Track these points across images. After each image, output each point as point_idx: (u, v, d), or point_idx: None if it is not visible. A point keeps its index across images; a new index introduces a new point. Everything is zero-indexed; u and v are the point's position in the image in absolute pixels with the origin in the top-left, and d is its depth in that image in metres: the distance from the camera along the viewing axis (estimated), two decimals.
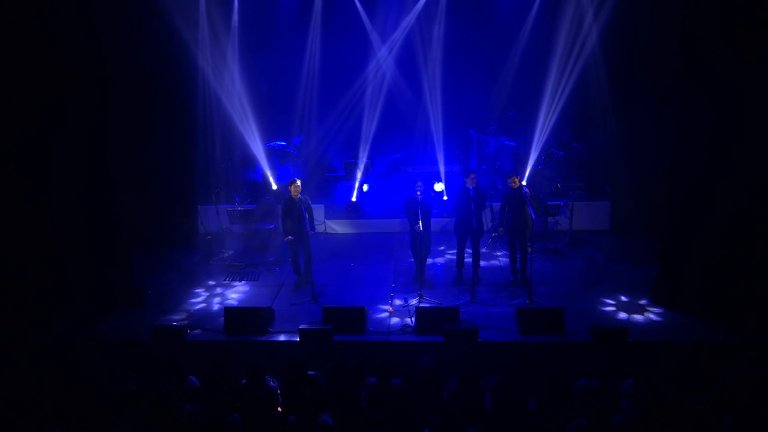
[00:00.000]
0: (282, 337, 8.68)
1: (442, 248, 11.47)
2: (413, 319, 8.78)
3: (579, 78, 12.38)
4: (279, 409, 6.55)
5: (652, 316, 8.95)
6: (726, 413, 5.94)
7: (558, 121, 13.16)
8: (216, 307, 9.62)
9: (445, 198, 12.74)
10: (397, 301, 9.51)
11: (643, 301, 9.32)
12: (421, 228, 9.51)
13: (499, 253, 11.25)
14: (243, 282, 10.52)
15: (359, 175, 13.15)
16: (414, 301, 9.38)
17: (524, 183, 11.00)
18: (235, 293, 10.14)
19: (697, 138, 8.69)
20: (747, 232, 8.72)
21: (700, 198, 8.82)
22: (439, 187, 12.97)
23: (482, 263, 10.41)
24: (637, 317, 8.94)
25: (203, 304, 9.77)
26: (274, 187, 12.93)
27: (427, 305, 9.15)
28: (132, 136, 11.50)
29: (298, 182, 9.94)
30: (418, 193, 9.67)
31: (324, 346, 8.32)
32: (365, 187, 13.25)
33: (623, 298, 9.46)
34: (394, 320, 9.01)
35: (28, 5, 8.70)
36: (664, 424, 5.88)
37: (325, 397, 6.59)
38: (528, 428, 5.90)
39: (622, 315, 9.02)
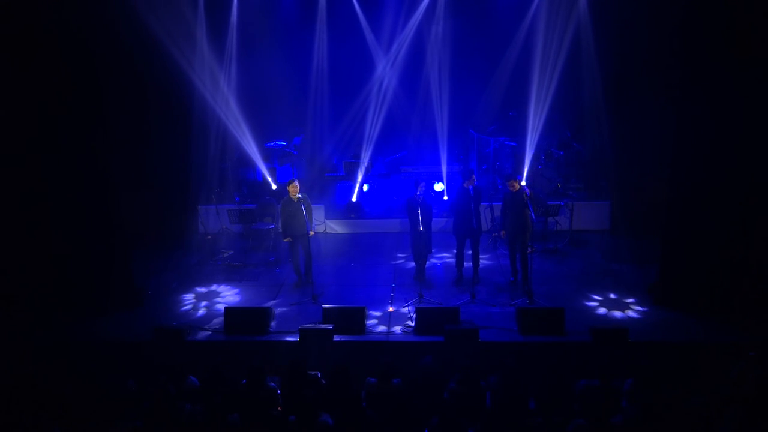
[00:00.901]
0: (282, 337, 8.68)
1: (441, 248, 11.44)
2: (413, 319, 8.78)
3: (578, 78, 12.40)
4: (279, 408, 6.55)
5: (651, 315, 8.94)
6: (726, 413, 5.94)
7: (557, 120, 13.19)
8: (216, 307, 9.61)
9: (445, 198, 12.74)
10: (392, 308, 9.42)
11: (642, 301, 9.30)
12: (421, 228, 9.51)
13: (498, 253, 11.25)
14: (243, 282, 10.51)
15: (360, 175, 13.15)
16: (413, 302, 9.37)
17: (524, 183, 10.98)
18: (235, 293, 10.13)
19: (697, 138, 8.69)
20: (747, 232, 8.72)
21: (701, 198, 8.82)
22: (439, 187, 12.98)
23: (482, 263, 10.41)
24: (637, 317, 8.93)
25: (203, 304, 9.76)
26: (274, 187, 12.93)
27: (427, 305, 9.14)
28: (132, 137, 11.52)
29: (296, 182, 9.94)
30: (419, 193, 9.68)
31: (324, 346, 8.31)
32: (365, 187, 13.25)
33: (623, 298, 9.44)
34: (394, 320, 9.00)
35: (28, 8, 8.71)
36: (664, 424, 5.88)
37: (325, 397, 6.59)
38: (528, 428, 5.90)
39: (622, 315, 9.02)
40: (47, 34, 8.80)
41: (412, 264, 10.48)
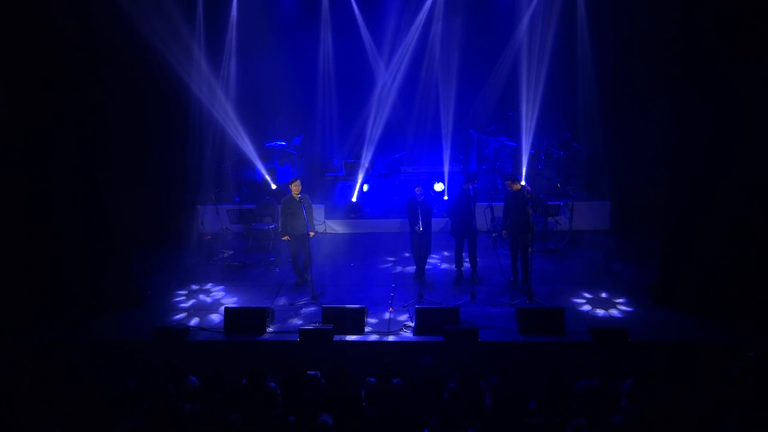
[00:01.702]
0: (282, 337, 8.66)
1: (441, 249, 11.43)
2: (413, 319, 8.78)
3: (577, 77, 12.40)
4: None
5: (651, 315, 8.93)
6: (726, 413, 5.94)
7: (557, 120, 13.19)
8: (216, 307, 9.61)
9: (445, 198, 12.74)
10: (392, 308, 9.40)
11: (642, 301, 9.29)
12: (421, 228, 9.51)
13: (498, 253, 11.25)
14: (242, 282, 10.51)
15: (360, 175, 13.15)
16: (413, 302, 9.36)
17: (523, 183, 10.98)
18: (235, 293, 10.13)
19: (697, 137, 8.69)
20: (747, 232, 8.71)
21: (701, 198, 8.82)
22: (439, 187, 12.98)
23: (482, 263, 10.40)
24: (637, 317, 8.91)
25: (203, 304, 9.76)
26: (274, 187, 12.93)
27: (427, 305, 9.13)
28: (132, 136, 11.50)
29: (298, 182, 9.94)
30: (418, 193, 9.69)
31: (324, 346, 8.32)
32: (365, 187, 13.26)
33: (623, 298, 9.44)
34: (394, 320, 9.00)
35: (28, 10, 8.72)
36: (664, 424, 5.88)
37: (325, 397, 6.59)
38: (528, 428, 5.89)
39: (622, 314, 9.01)
40: (46, 34, 8.79)
41: (412, 264, 10.48)
